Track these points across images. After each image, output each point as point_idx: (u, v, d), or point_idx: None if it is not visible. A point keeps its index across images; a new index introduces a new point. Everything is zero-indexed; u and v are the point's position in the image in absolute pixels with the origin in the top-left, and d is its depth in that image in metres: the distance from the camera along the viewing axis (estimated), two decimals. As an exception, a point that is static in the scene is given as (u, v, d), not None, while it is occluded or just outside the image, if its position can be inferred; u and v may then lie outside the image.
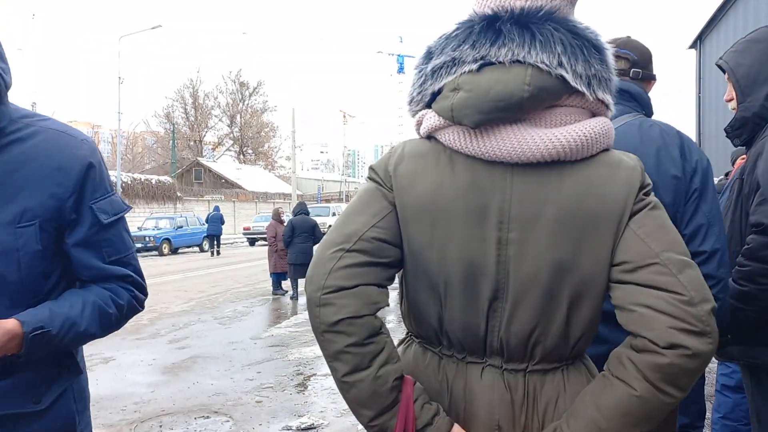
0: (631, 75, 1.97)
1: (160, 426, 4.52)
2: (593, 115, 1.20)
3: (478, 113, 1.13)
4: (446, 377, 1.23)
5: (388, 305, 1.20)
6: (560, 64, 1.13)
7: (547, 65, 1.13)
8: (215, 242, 22.38)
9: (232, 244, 31.06)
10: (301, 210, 11.10)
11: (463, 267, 1.16)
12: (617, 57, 1.90)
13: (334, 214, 34.78)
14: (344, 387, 1.16)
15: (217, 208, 24.28)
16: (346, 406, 4.04)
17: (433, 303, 1.21)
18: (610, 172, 1.16)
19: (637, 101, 1.93)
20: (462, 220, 1.16)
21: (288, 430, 4.39)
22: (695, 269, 1.09)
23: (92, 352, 6.86)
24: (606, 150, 1.19)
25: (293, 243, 10.57)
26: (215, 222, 22.48)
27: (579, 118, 1.17)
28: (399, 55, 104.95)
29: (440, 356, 1.25)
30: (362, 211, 1.21)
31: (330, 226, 11.35)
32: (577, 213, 1.13)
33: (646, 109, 1.94)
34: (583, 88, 1.15)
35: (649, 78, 2.01)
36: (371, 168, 1.27)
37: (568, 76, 1.13)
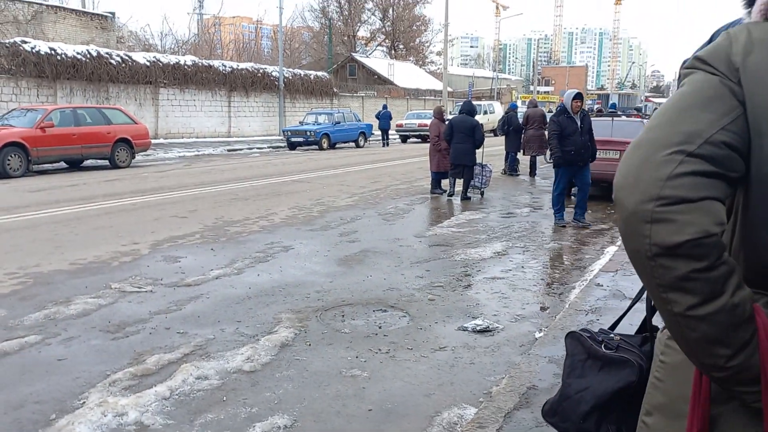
0: None
1: (343, 315, 4.83)
2: None
3: None
4: None
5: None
6: None
7: None
8: (385, 136, 27.66)
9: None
10: (463, 109, 10.91)
11: None
12: None
13: (485, 112, 33.92)
14: (689, 323, 0.92)
15: (385, 107, 29.48)
16: (520, 312, 4.00)
17: None
18: None
19: None
20: None
21: (464, 330, 4.50)
22: None
23: (272, 240, 7.41)
24: None
25: (452, 142, 10.53)
26: (385, 118, 27.71)
27: None
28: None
29: None
30: (707, 108, 0.95)
31: (481, 125, 10.71)
32: None
33: None
34: None
35: None
36: (701, 59, 1.00)
37: None
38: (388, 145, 27.13)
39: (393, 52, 61.46)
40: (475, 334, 4.43)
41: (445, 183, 11.58)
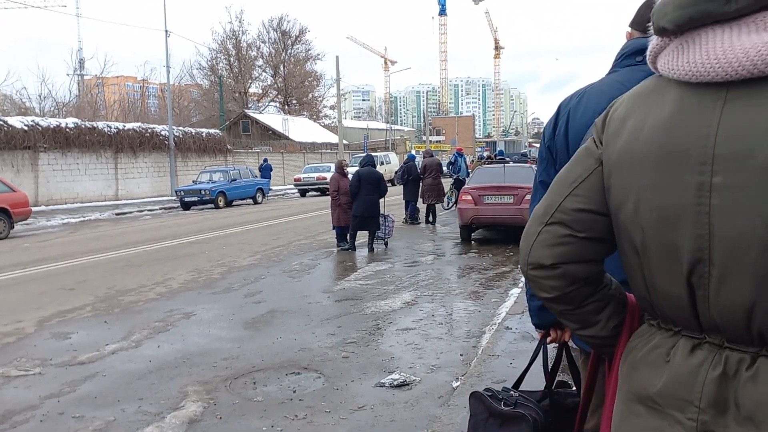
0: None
1: (254, 382, 4.60)
2: None
3: (677, 8, 0.95)
4: (656, 353, 1.03)
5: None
6: None
7: None
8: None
9: (283, 195, 31.42)
10: (368, 162, 11.05)
11: (657, 222, 0.98)
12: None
13: (381, 163, 34.66)
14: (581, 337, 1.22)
15: (266, 160, 32.63)
16: (435, 362, 4.01)
17: (635, 266, 1.05)
18: None
19: None
20: (657, 164, 0.98)
21: (381, 386, 4.41)
22: None
23: (172, 307, 7.03)
24: None
25: (359, 195, 10.56)
26: (267, 170, 30.80)
27: None
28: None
29: (658, 328, 1.06)
30: (568, 176, 1.14)
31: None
32: None
33: None
34: None
35: None
36: (595, 122, 1.15)
37: None
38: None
39: (286, 107, 61.80)
40: (393, 390, 4.35)
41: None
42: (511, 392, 1.90)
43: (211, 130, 35.93)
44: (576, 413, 1.92)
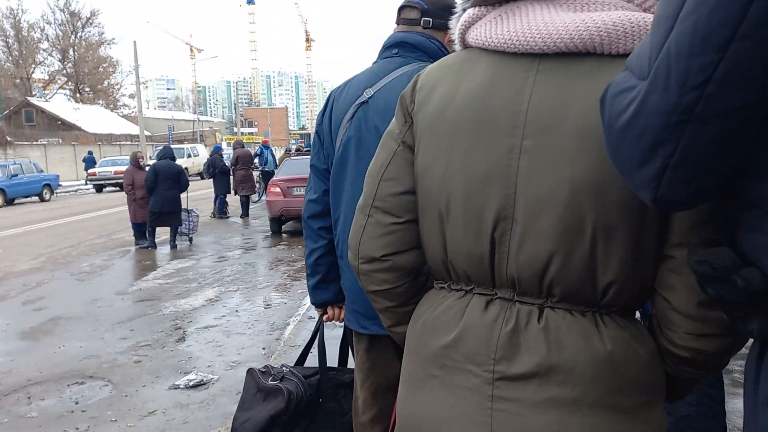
0: (422, 24, 1.85)
1: (29, 397, 4.12)
2: None
3: None
4: (450, 313, 1.06)
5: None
6: None
7: None
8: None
9: (75, 191, 28.69)
10: (166, 154, 10.38)
11: (466, 180, 1.00)
12: (407, 6, 1.87)
13: (189, 156, 33.11)
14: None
15: (90, 153, 32.79)
16: (235, 358, 3.92)
17: (436, 229, 1.06)
18: None
19: (421, 50, 1.82)
20: (470, 127, 1.00)
21: (176, 389, 4.18)
22: None
23: (-71, 322, 6.07)
24: None
25: (156, 190, 9.91)
26: (91, 162, 30.98)
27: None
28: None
29: (448, 291, 1.08)
30: (371, 168, 1.16)
31: (186, 168, 10.64)
32: None
33: (436, 57, 1.75)
34: None
35: (442, 27, 1.83)
36: (401, 95, 1.14)
37: None
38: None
39: (78, 95, 56.43)
40: (188, 390, 4.15)
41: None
42: (283, 368, 1.94)
43: (-14, 120, 31.68)
44: (350, 388, 1.98)
